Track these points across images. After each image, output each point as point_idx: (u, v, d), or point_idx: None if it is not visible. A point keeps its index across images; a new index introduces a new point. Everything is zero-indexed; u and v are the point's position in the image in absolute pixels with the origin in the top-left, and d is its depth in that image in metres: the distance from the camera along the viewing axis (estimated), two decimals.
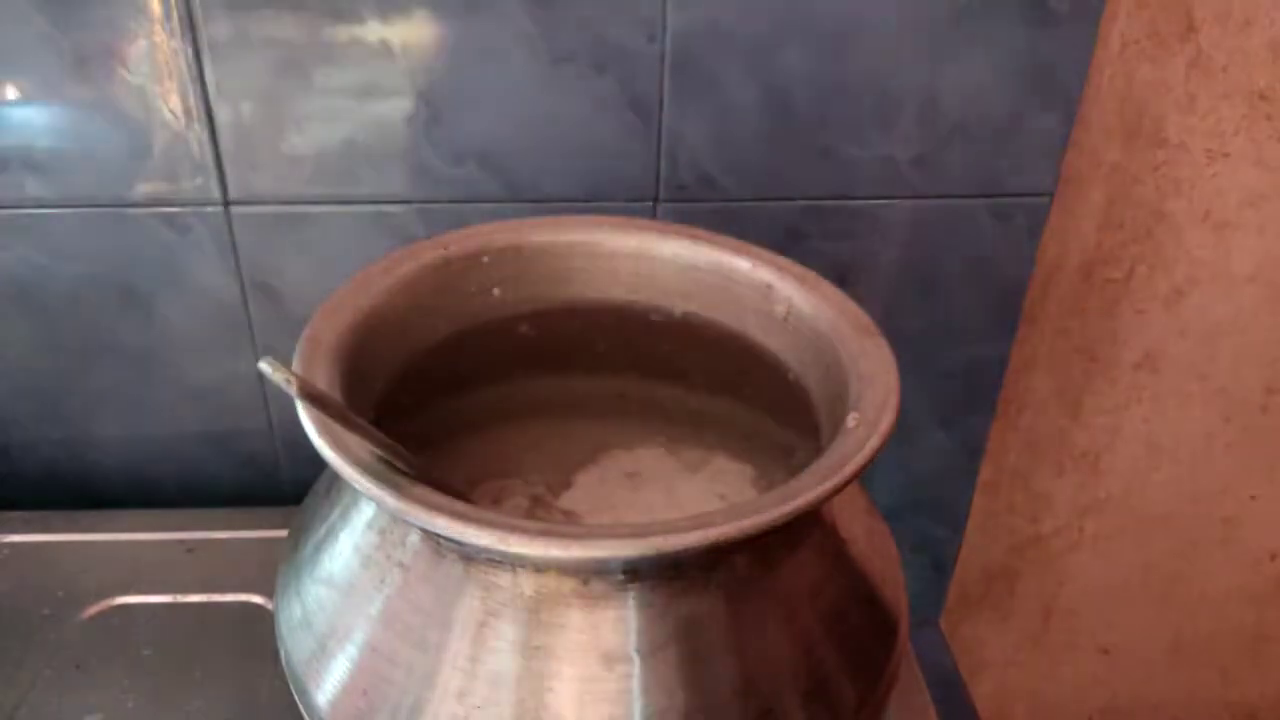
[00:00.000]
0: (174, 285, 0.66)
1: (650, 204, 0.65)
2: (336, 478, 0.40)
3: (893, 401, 0.37)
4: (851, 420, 0.37)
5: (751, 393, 0.49)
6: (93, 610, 0.61)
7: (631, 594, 0.34)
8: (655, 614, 0.34)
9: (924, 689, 0.61)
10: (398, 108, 0.61)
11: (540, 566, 0.34)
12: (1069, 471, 0.74)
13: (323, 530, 0.41)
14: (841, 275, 0.45)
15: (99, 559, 0.64)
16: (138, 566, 0.64)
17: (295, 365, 0.38)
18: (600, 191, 0.64)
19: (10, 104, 0.60)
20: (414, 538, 0.36)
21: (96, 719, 0.54)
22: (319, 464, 0.35)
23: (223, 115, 0.61)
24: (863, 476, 0.35)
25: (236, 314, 0.68)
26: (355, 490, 0.34)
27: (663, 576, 0.34)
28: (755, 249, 0.47)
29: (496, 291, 0.48)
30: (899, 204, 0.66)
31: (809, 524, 0.38)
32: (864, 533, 0.42)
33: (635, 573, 0.34)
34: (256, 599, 0.61)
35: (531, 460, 0.52)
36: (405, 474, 0.34)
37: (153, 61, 0.59)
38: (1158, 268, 0.66)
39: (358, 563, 0.38)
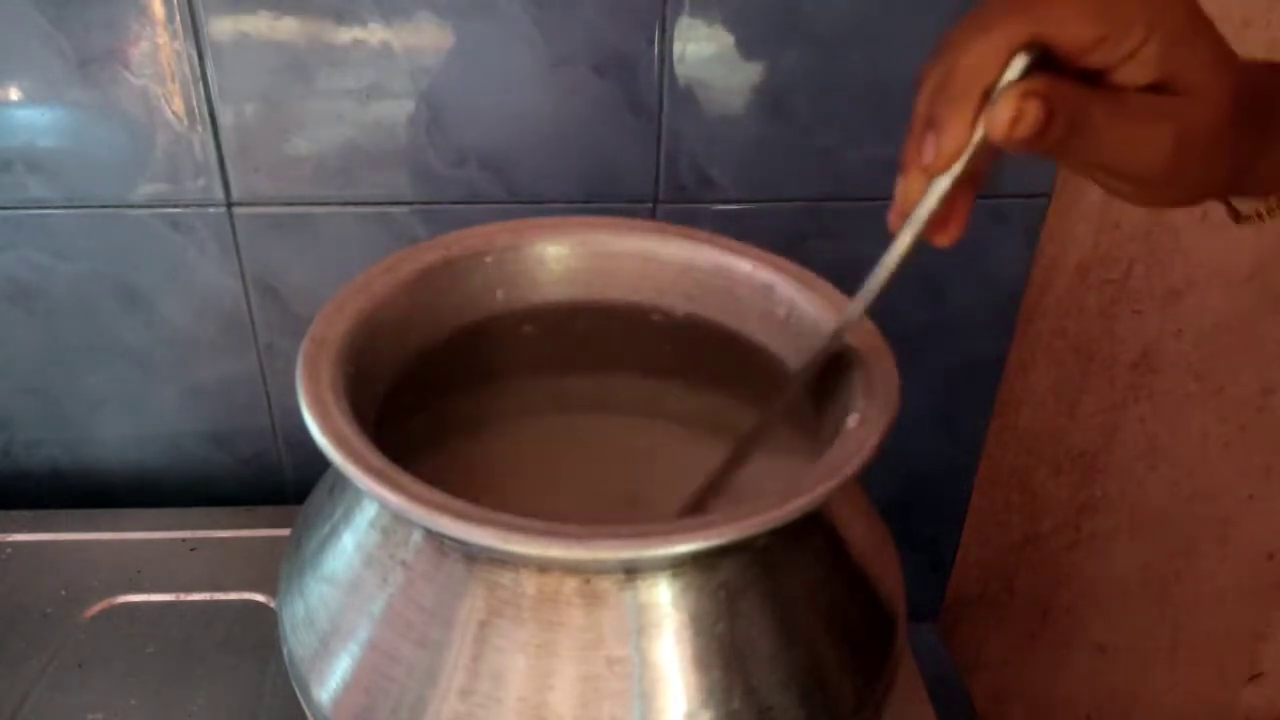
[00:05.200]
0: (176, 286, 0.67)
1: (650, 205, 0.65)
2: (339, 477, 0.40)
3: (892, 401, 0.38)
4: (851, 420, 0.37)
5: (752, 393, 0.49)
6: (95, 609, 0.61)
7: (633, 593, 0.34)
8: (656, 613, 0.35)
9: (922, 687, 0.61)
10: (400, 109, 0.61)
11: (543, 566, 0.34)
12: (1066, 470, 0.74)
13: (325, 529, 0.41)
14: (841, 275, 0.45)
15: (101, 558, 0.64)
16: (140, 565, 0.64)
17: (299, 366, 0.38)
18: (600, 193, 0.65)
19: (13, 105, 0.60)
20: (417, 536, 0.36)
21: (99, 717, 0.54)
22: (321, 463, 0.35)
23: (225, 117, 0.61)
24: (861, 476, 0.35)
25: (239, 314, 0.68)
26: (358, 489, 0.34)
27: (664, 576, 0.35)
28: (756, 250, 0.47)
29: (499, 292, 0.48)
30: None
31: (809, 524, 0.38)
32: (863, 532, 0.42)
33: (637, 572, 0.34)
34: (259, 597, 0.62)
35: (533, 459, 0.52)
36: None
37: (155, 63, 0.59)
38: (1155, 267, 0.67)
39: (360, 561, 0.38)
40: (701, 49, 0.60)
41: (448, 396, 0.49)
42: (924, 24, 0.60)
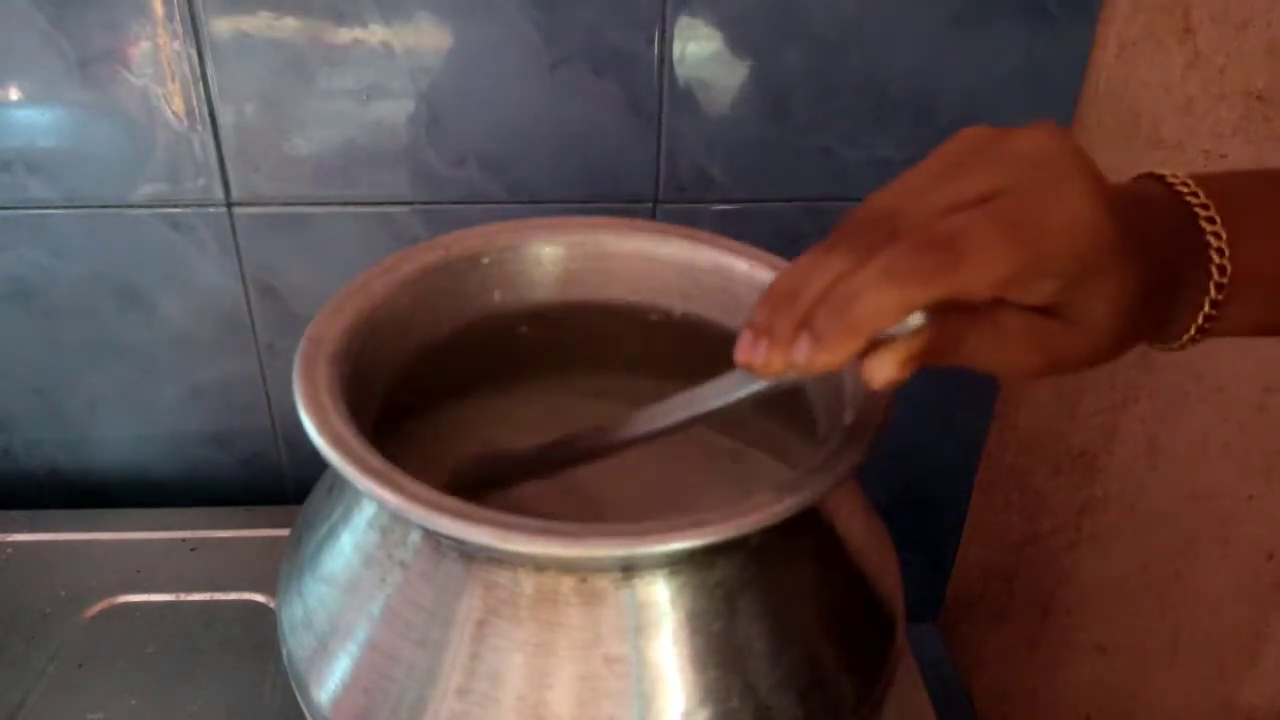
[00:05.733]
0: (176, 286, 0.67)
1: (650, 205, 0.65)
2: (338, 477, 0.40)
3: (889, 400, 0.38)
4: (848, 418, 0.37)
5: None
6: (95, 609, 0.61)
7: (630, 592, 0.34)
8: (654, 612, 0.35)
9: (922, 687, 0.61)
10: (399, 109, 0.61)
11: (540, 565, 0.34)
12: (1066, 470, 0.74)
13: (324, 529, 0.41)
14: None
15: (101, 558, 0.64)
16: (140, 565, 0.64)
17: (296, 366, 0.38)
18: (600, 193, 0.65)
19: (13, 105, 0.60)
20: (415, 536, 0.37)
21: (99, 717, 0.55)
22: (321, 463, 0.35)
23: (225, 116, 0.61)
24: (860, 475, 0.35)
25: (239, 314, 0.68)
26: (356, 489, 0.34)
27: (661, 574, 0.35)
28: (754, 250, 0.47)
29: (497, 293, 0.48)
30: None
31: (806, 522, 0.38)
32: (861, 531, 0.42)
33: (634, 571, 0.34)
34: (258, 597, 0.62)
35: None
36: None
37: (155, 63, 0.59)
38: None
39: (359, 561, 0.38)
40: (701, 49, 0.60)
41: (446, 396, 0.49)
42: (924, 24, 0.61)
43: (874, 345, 0.30)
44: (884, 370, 0.30)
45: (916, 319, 0.29)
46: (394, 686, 0.35)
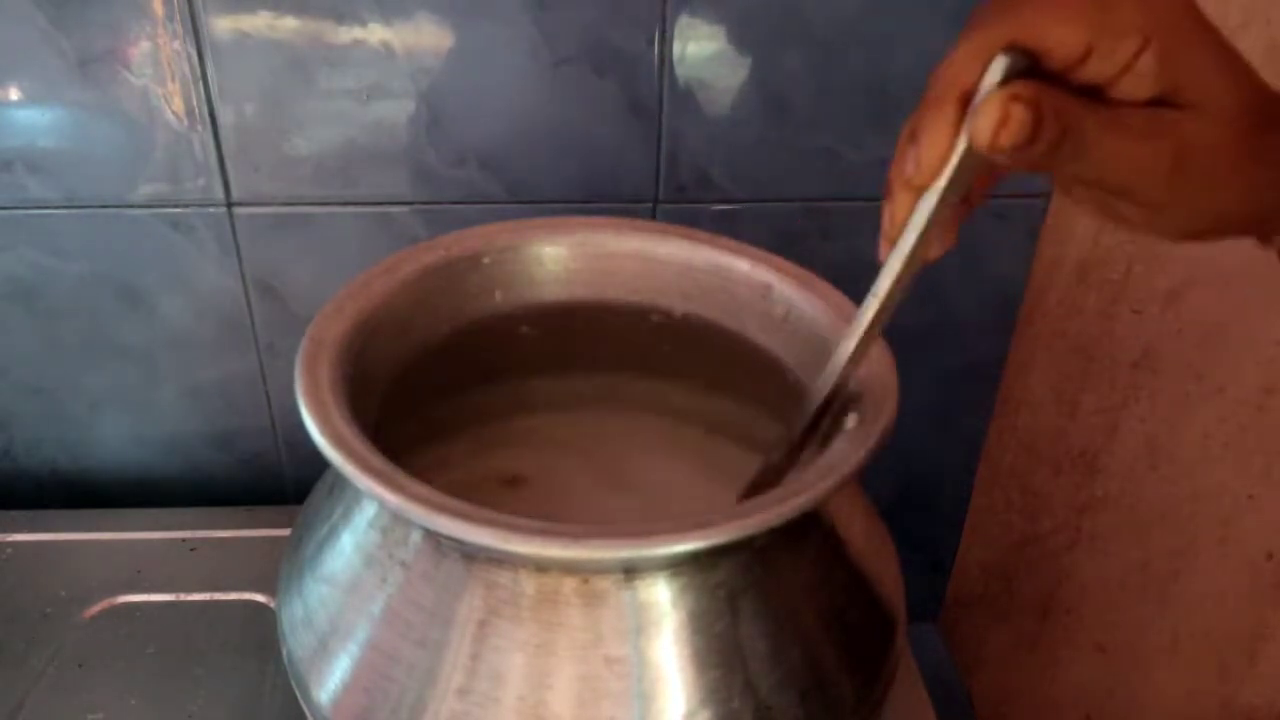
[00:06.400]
0: (176, 286, 0.67)
1: (650, 205, 0.65)
2: (338, 477, 0.40)
3: (891, 402, 0.38)
4: (850, 420, 0.37)
5: (751, 393, 0.49)
6: (95, 609, 0.61)
7: (631, 593, 0.34)
8: (655, 613, 0.35)
9: (922, 687, 0.61)
10: (399, 109, 0.61)
11: (541, 566, 0.34)
12: (1066, 471, 0.74)
13: (325, 529, 0.41)
14: (840, 275, 0.45)
15: (101, 558, 0.64)
16: (140, 565, 0.64)
17: (298, 366, 0.38)
18: (600, 193, 0.65)
19: (13, 105, 0.60)
20: (416, 536, 0.37)
21: (99, 717, 0.54)
22: (321, 463, 0.35)
23: (225, 116, 0.61)
24: (861, 476, 0.35)
25: (239, 314, 0.68)
26: (357, 489, 0.34)
27: (663, 576, 0.35)
28: (754, 250, 0.47)
29: (497, 293, 0.48)
30: None
31: (808, 524, 0.38)
32: (862, 532, 0.42)
33: (635, 572, 0.34)
34: (259, 597, 0.62)
35: (532, 460, 0.52)
36: None
37: (155, 63, 0.59)
38: (1155, 267, 0.67)
39: (359, 561, 0.38)
40: (701, 49, 0.60)
41: (447, 397, 0.49)
42: (924, 24, 0.61)
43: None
44: (986, 114, 0.27)
45: (998, 67, 0.28)
46: (394, 686, 0.35)
